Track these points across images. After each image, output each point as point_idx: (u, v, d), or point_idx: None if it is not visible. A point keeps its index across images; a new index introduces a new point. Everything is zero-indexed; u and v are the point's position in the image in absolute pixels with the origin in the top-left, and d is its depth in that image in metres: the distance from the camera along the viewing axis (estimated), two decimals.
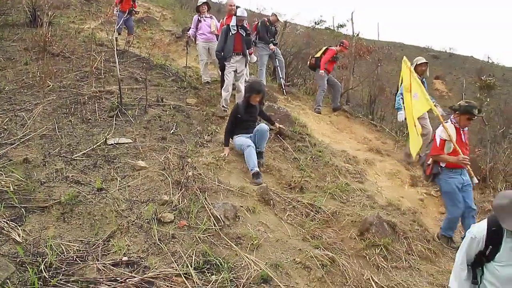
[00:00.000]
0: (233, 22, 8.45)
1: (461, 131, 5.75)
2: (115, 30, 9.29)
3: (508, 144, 9.68)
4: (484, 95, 10.35)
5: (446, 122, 5.78)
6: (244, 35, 8.54)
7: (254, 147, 6.33)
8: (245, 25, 8.72)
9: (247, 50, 8.77)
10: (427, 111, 7.02)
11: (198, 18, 9.86)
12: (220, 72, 9.01)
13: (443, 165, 5.76)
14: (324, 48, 11.23)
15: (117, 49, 8.27)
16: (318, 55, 11.06)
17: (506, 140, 9.60)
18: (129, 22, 11.72)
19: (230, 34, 8.38)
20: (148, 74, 8.53)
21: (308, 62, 11.40)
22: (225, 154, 6.42)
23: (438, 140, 5.69)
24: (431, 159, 5.83)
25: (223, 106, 8.24)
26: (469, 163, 5.51)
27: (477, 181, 5.71)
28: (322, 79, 10.77)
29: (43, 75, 7.72)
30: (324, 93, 10.93)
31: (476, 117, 5.71)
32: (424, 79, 8.24)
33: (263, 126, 6.56)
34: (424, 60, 8.37)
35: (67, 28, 10.91)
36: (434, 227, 6.48)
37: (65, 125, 6.52)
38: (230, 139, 6.69)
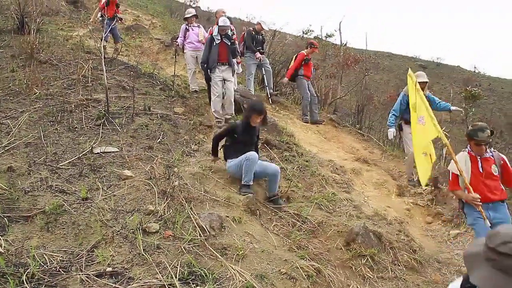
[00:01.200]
0: (215, 32, 8.40)
1: (478, 160, 5.02)
2: (103, 38, 9.24)
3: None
4: (470, 105, 10.40)
5: (464, 150, 5.19)
6: (229, 44, 8.42)
7: (257, 161, 5.91)
8: (230, 34, 8.59)
9: (234, 59, 8.68)
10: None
11: (186, 27, 9.93)
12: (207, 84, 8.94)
13: (464, 200, 5.17)
14: (294, 56, 11.29)
15: (105, 57, 8.25)
16: (291, 65, 11.14)
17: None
18: (114, 30, 11.64)
19: (214, 44, 8.29)
20: (136, 83, 8.52)
21: (286, 77, 11.44)
22: (213, 162, 6.33)
23: (450, 174, 5.18)
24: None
25: (216, 119, 8.17)
26: (480, 203, 4.84)
27: (489, 225, 4.81)
28: (303, 87, 10.82)
29: (30, 82, 7.67)
30: (308, 101, 10.88)
31: (485, 142, 4.93)
32: (429, 95, 7.74)
33: (274, 167, 6.10)
34: (425, 79, 7.63)
35: (55, 35, 10.86)
36: (420, 237, 6.53)
37: (51, 133, 6.47)
38: (227, 159, 6.19)
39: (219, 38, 8.30)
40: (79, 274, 3.78)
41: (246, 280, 4.03)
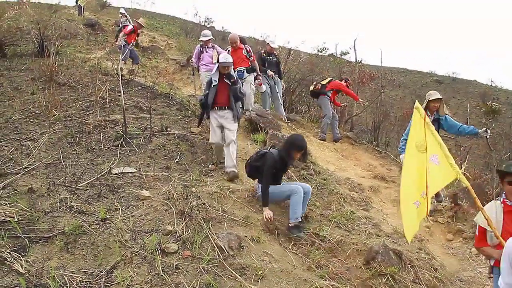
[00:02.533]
0: (214, 71, 7.10)
1: None
2: (121, 60, 9.43)
3: None
4: (490, 120, 10.30)
5: (496, 200, 4.05)
6: (230, 84, 7.04)
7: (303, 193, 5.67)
8: (232, 73, 7.22)
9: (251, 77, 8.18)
10: None
11: (200, 49, 9.97)
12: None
13: (491, 262, 4.05)
14: (329, 78, 11.28)
15: (122, 78, 8.36)
16: (324, 82, 11.07)
17: None
18: (133, 53, 11.98)
19: (212, 85, 7.01)
20: (152, 103, 8.60)
21: (312, 87, 11.24)
22: (269, 217, 5.52)
23: (477, 228, 4.08)
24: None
25: (220, 162, 7.12)
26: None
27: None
28: (327, 106, 10.80)
29: (49, 104, 7.80)
30: (330, 120, 10.87)
31: None
32: (444, 117, 7.14)
33: (309, 186, 5.99)
34: (438, 96, 6.97)
35: (74, 58, 11.10)
36: (441, 254, 6.42)
37: (70, 154, 6.55)
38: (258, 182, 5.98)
39: (216, 80, 7.00)
40: None
41: None
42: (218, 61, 7.13)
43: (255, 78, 10.04)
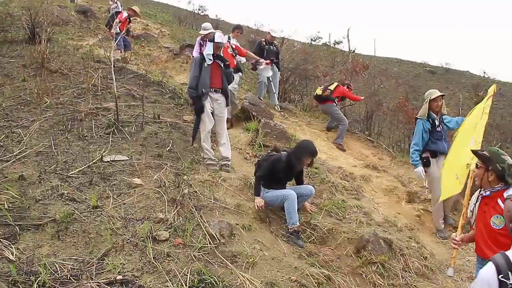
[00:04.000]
0: (209, 49, 6.75)
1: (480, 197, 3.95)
2: (116, 49, 9.33)
3: None
4: None
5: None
6: (222, 66, 6.86)
7: (296, 197, 5.54)
8: (222, 54, 7.01)
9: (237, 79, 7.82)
10: None
11: (201, 42, 9.78)
12: (195, 116, 7.04)
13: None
14: (336, 83, 10.71)
15: (114, 66, 8.31)
16: (332, 87, 10.45)
17: None
18: (126, 40, 11.88)
19: (205, 65, 6.66)
20: (145, 91, 8.57)
21: (320, 92, 10.50)
22: (260, 205, 5.54)
23: None
24: None
25: (209, 160, 6.68)
26: (457, 247, 4.19)
27: (451, 274, 4.35)
28: (338, 112, 10.42)
29: (41, 91, 7.75)
30: (347, 126, 10.42)
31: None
32: (442, 117, 6.83)
33: (312, 188, 5.96)
34: (439, 93, 6.69)
35: (66, 45, 10.99)
36: (431, 243, 6.48)
37: (61, 142, 6.52)
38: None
39: (211, 58, 6.72)
40: (90, 282, 3.80)
41: (256, 287, 4.03)
42: (213, 42, 6.78)
43: (257, 63, 10.05)
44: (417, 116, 6.86)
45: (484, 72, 38.03)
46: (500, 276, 2.38)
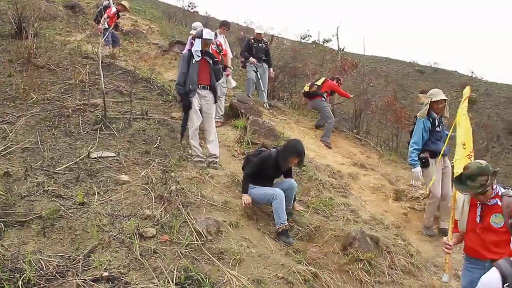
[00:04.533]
0: (197, 46, 6.72)
1: (478, 206, 3.85)
2: (104, 45, 9.23)
3: (491, 158, 9.81)
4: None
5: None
6: (211, 63, 6.84)
7: (284, 196, 5.45)
8: (211, 51, 7.16)
9: (223, 75, 7.57)
10: None
11: (192, 42, 9.67)
12: (183, 113, 6.99)
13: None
14: (323, 78, 10.82)
15: (102, 62, 8.25)
16: (319, 82, 10.54)
17: (489, 153, 9.72)
18: (114, 36, 11.77)
19: (193, 61, 6.66)
20: (133, 88, 8.51)
21: (308, 88, 10.64)
22: (248, 202, 5.51)
23: None
24: None
25: (197, 157, 6.67)
26: (450, 252, 4.05)
27: (446, 280, 4.24)
28: (328, 110, 10.36)
29: (27, 87, 7.66)
30: (333, 124, 10.45)
31: (474, 193, 3.69)
32: (442, 119, 6.74)
33: (293, 182, 5.75)
34: (443, 97, 6.54)
35: (53, 40, 10.86)
36: (417, 241, 6.54)
37: (48, 138, 6.46)
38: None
39: (199, 54, 6.70)
40: (76, 279, 3.78)
41: (242, 284, 4.04)
42: (202, 38, 6.70)
43: (224, 70, 8.89)
44: (416, 115, 6.78)
45: (472, 72, 38.36)
46: (506, 285, 2.28)
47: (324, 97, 10.45)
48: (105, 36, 10.54)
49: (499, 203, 3.69)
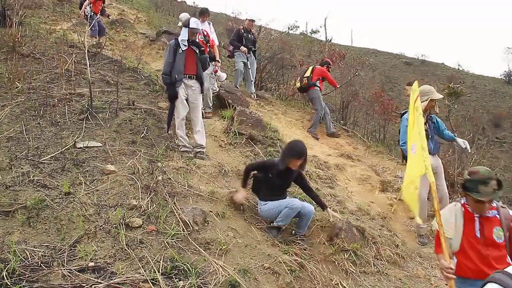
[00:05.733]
0: (183, 35, 6.66)
1: (476, 220, 3.45)
2: (88, 32, 9.12)
3: (476, 150, 9.90)
4: (452, 102, 10.49)
5: (456, 202, 3.67)
6: (197, 52, 6.81)
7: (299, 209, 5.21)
8: (198, 41, 7.07)
9: (210, 68, 7.46)
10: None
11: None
12: (169, 103, 6.94)
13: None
14: (311, 67, 10.86)
15: (88, 51, 8.16)
16: (308, 73, 10.57)
17: (474, 145, 9.80)
18: (100, 25, 11.60)
19: (180, 51, 6.61)
20: (120, 77, 8.43)
21: (299, 84, 10.69)
22: (238, 200, 5.42)
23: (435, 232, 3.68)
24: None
25: (184, 148, 6.64)
26: (453, 276, 3.23)
27: None
28: (319, 100, 10.40)
29: (12, 76, 7.55)
30: (322, 114, 10.48)
31: (489, 199, 3.29)
32: (435, 117, 6.44)
33: (311, 210, 5.35)
34: (440, 96, 6.22)
35: (38, 29, 10.72)
36: (403, 232, 6.61)
37: (33, 127, 6.39)
38: (259, 198, 5.56)
39: (186, 44, 6.64)
40: (61, 269, 3.76)
41: (229, 274, 4.06)
42: (188, 27, 6.63)
43: (212, 61, 8.52)
44: (401, 112, 6.66)
45: (459, 65, 38.79)
46: None
47: (317, 86, 10.51)
48: (91, 25, 10.40)
49: (497, 215, 3.40)
